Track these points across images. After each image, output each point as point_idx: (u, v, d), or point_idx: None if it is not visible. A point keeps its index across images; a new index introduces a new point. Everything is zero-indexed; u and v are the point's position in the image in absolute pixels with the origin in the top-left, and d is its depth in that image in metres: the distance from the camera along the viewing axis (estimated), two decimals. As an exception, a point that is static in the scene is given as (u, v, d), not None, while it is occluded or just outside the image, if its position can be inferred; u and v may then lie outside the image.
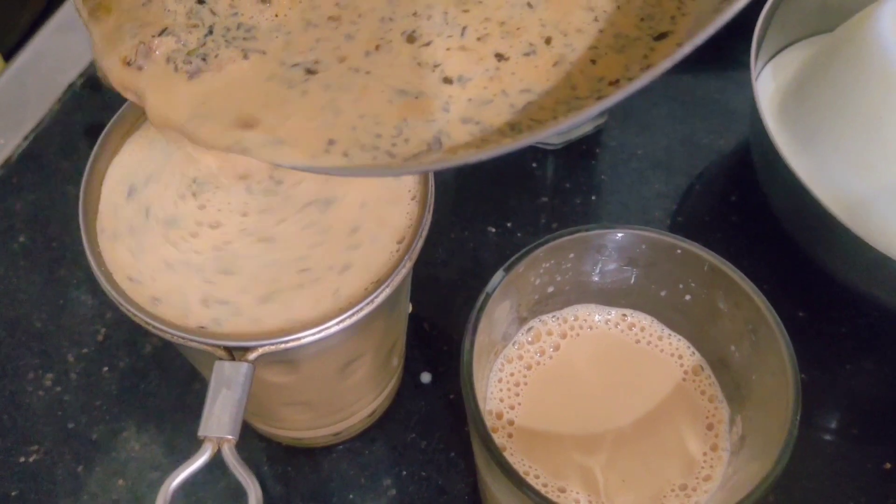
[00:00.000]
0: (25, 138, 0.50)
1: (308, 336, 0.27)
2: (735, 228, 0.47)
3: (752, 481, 0.27)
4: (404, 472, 0.40)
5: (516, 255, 0.30)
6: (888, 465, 0.40)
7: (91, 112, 0.52)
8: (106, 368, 0.43)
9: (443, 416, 0.41)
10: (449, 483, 0.40)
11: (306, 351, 0.28)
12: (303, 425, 0.37)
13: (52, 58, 0.54)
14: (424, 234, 0.29)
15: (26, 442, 0.41)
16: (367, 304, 0.27)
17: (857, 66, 0.39)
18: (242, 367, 0.26)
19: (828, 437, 0.41)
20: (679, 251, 0.30)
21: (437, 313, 0.44)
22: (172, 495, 0.25)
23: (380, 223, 0.29)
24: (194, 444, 0.40)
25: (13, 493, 0.39)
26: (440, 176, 0.32)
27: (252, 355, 0.26)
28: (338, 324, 0.27)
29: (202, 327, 0.28)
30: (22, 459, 0.40)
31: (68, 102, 0.52)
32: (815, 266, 0.42)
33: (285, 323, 0.28)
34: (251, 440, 0.41)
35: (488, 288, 0.29)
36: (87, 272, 0.46)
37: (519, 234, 0.47)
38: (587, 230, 0.30)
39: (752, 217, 0.47)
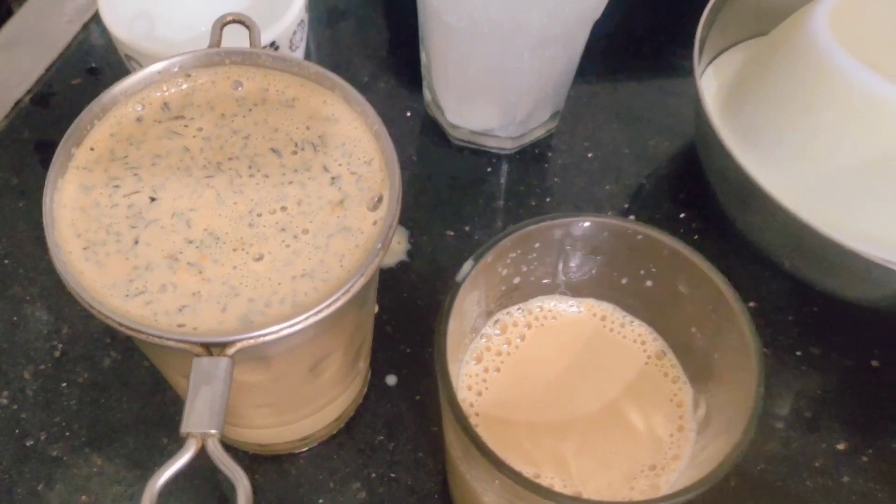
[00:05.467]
0: (-28, 156, 0.50)
1: (286, 328, 0.27)
2: (684, 224, 0.48)
3: (720, 455, 0.28)
4: (373, 475, 0.40)
5: (485, 245, 0.30)
6: (842, 446, 0.41)
7: (40, 128, 0.51)
8: (64, 384, 0.42)
9: (409, 417, 0.42)
10: (418, 483, 0.40)
11: (282, 345, 0.28)
12: (270, 425, 0.37)
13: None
14: (395, 223, 0.30)
15: (-18, 462, 0.40)
16: (344, 293, 0.27)
17: (795, 63, 0.41)
18: (222, 362, 0.26)
19: (782, 422, 0.42)
20: (640, 237, 0.31)
21: (399, 316, 0.44)
22: (158, 494, 0.25)
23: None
24: (157, 456, 0.40)
25: (-30, 515, 0.38)
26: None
27: (231, 350, 0.26)
28: (315, 314, 0.27)
29: (180, 325, 0.27)
30: (-22, 480, 0.39)
31: (16, 119, 0.51)
32: (763, 257, 0.44)
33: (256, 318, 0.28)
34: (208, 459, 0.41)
35: (458, 277, 0.30)
36: (41, 288, 0.45)
37: (476, 237, 0.47)
38: (552, 218, 0.31)
39: (700, 213, 0.48)
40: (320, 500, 0.39)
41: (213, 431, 0.25)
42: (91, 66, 0.54)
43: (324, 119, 0.32)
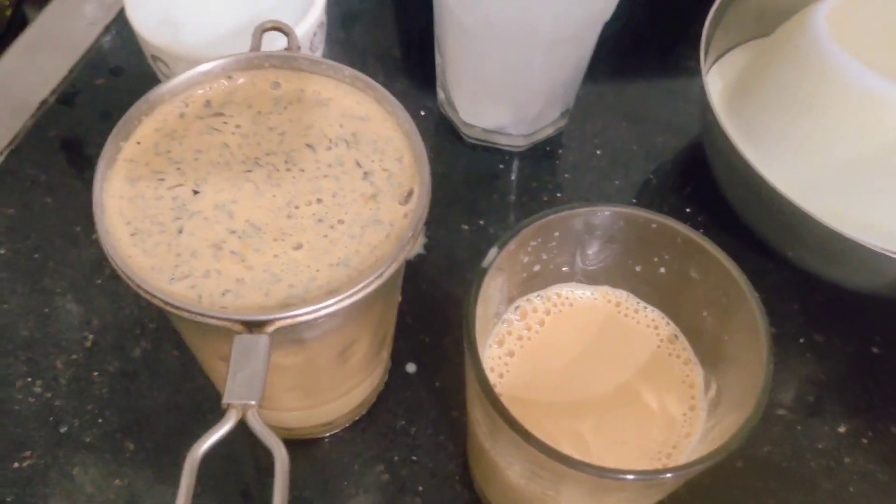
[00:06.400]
0: (0, 154, 0.51)
1: (322, 309, 0.28)
2: (690, 218, 0.50)
3: (731, 430, 0.30)
4: (396, 458, 0.42)
5: (509, 233, 0.32)
6: (843, 429, 0.43)
7: (66, 127, 0.52)
8: (96, 373, 0.43)
9: (430, 403, 0.43)
10: (439, 465, 0.41)
11: (316, 329, 0.30)
12: (298, 408, 0.38)
13: (23, 76, 0.55)
14: (424, 216, 0.31)
15: (18, 448, 0.41)
16: (376, 278, 0.29)
17: (797, 62, 0.43)
18: (262, 339, 0.28)
19: (786, 406, 0.44)
20: (654, 225, 0.33)
21: (418, 307, 0.46)
22: (200, 462, 0.26)
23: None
24: (187, 441, 0.41)
25: (8, 499, 0.40)
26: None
27: (270, 328, 0.28)
28: (350, 296, 0.28)
29: (223, 308, 0.29)
30: (15, 465, 0.41)
31: (42, 118, 0.53)
32: (767, 248, 0.46)
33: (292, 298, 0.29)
34: (243, 437, 0.42)
35: (485, 262, 0.31)
36: (71, 281, 0.47)
37: (491, 231, 0.49)
38: (572, 208, 0.33)
39: (706, 207, 0.50)
40: (345, 482, 0.41)
41: (252, 402, 0.27)
42: (113, 66, 0.56)
43: (357, 118, 0.34)
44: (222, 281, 0.30)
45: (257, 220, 0.31)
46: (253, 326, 0.28)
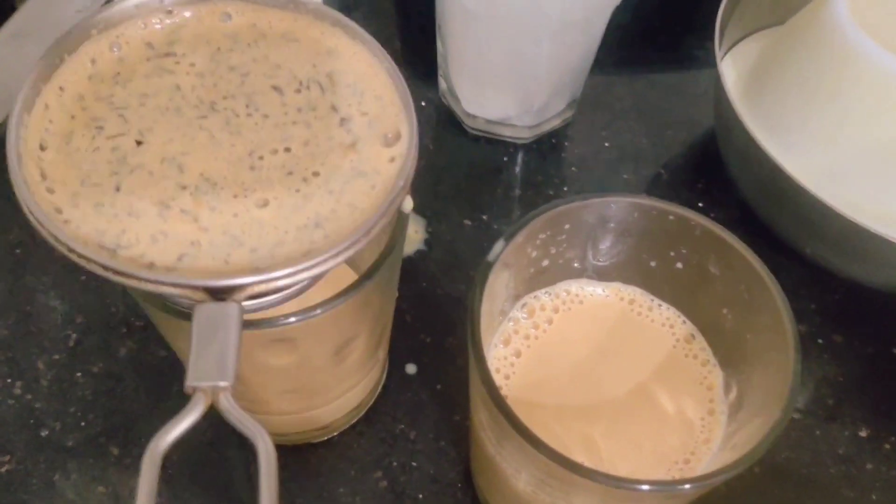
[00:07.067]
0: (-18, 145, 0.49)
1: (300, 272, 0.24)
2: (703, 213, 0.48)
3: (756, 436, 0.28)
4: (394, 463, 0.40)
5: (516, 224, 0.30)
6: (864, 433, 0.41)
7: (51, 118, 0.50)
8: (79, 374, 0.41)
9: (430, 406, 0.41)
10: (440, 472, 0.39)
11: (306, 324, 0.28)
12: (293, 411, 0.36)
13: (8, 65, 0.53)
14: (415, 159, 0.28)
15: (-3, 452, 0.39)
16: (364, 234, 0.25)
17: (818, 50, 0.41)
18: (230, 308, 0.24)
19: (805, 409, 0.42)
20: (671, 217, 0.31)
21: (418, 306, 0.44)
22: (162, 456, 0.22)
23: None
24: (174, 446, 0.40)
25: (-15, 506, 0.38)
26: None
27: (240, 295, 0.24)
28: (334, 256, 0.25)
29: (170, 268, 0.25)
30: (-7, 470, 0.39)
31: (26, 109, 0.51)
32: (783, 245, 0.44)
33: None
34: (234, 441, 0.40)
35: (490, 256, 0.29)
36: (54, 277, 0.44)
37: (495, 226, 0.47)
38: (583, 198, 0.31)
39: (718, 203, 0.48)
40: (341, 489, 0.39)
41: (223, 384, 0.23)
42: (102, 56, 0.54)
43: (327, 54, 0.30)
44: (170, 245, 0.25)
45: (213, 174, 0.27)
46: (218, 293, 0.24)
